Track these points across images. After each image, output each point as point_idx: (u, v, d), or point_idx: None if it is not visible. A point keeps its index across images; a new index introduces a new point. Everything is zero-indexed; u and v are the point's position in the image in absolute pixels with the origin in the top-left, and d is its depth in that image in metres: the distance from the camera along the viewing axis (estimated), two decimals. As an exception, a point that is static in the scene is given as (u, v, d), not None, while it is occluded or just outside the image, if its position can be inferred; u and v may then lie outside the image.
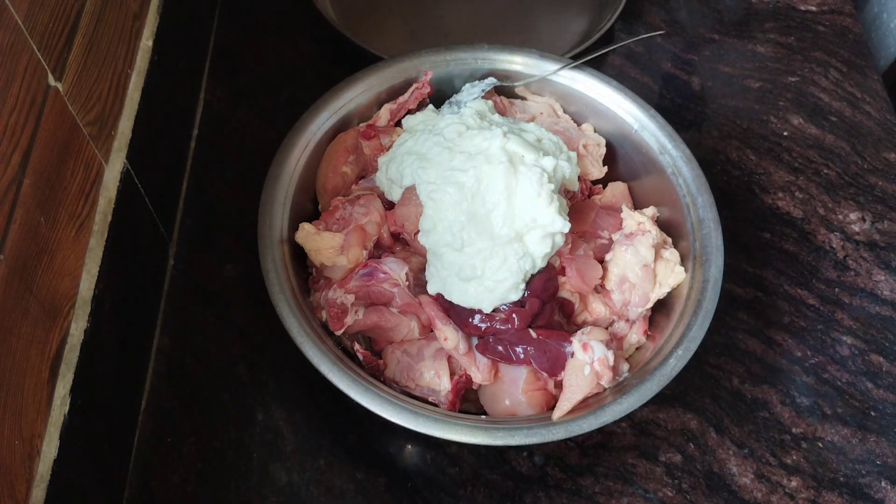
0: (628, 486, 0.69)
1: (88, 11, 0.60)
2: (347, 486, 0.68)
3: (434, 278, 0.68)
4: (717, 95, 0.98)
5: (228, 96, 0.91)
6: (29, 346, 0.51)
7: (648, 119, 0.78)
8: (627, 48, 1.00)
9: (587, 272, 0.70)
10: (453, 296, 0.66)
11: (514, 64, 0.82)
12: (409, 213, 0.70)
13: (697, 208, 0.73)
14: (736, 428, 0.73)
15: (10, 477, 0.48)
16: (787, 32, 1.05)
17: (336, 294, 0.68)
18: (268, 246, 0.67)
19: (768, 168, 0.91)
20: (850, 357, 0.78)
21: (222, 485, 0.67)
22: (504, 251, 0.65)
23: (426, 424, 0.60)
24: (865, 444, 0.73)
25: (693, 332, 0.66)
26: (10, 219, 0.48)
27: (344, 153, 0.75)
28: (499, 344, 0.66)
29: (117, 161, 0.65)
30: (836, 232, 0.87)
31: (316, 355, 0.62)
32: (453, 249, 0.66)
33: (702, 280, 0.69)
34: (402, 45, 0.95)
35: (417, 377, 0.66)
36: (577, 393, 0.64)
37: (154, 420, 0.70)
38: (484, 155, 0.68)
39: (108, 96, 0.64)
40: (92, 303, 0.59)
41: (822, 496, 0.70)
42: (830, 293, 0.82)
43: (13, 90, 0.48)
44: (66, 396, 0.55)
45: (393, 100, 0.80)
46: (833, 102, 0.98)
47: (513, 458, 0.70)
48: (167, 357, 0.73)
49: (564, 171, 0.70)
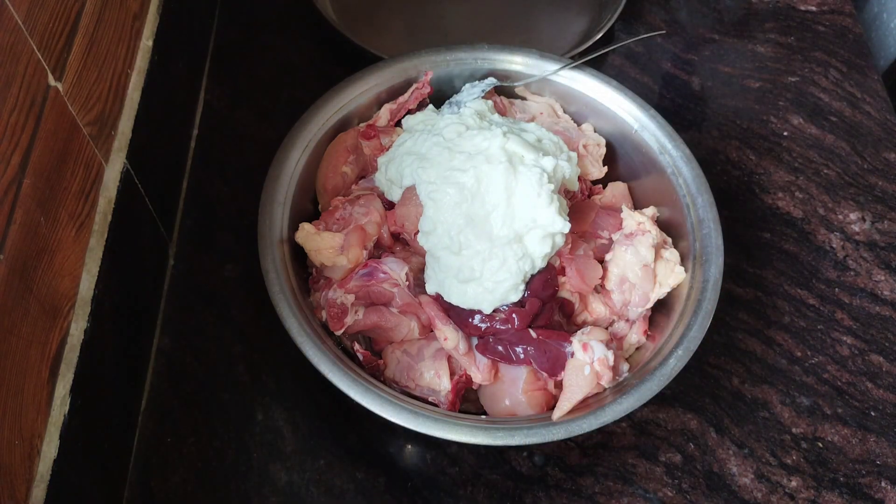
0: (628, 486, 0.69)
1: (88, 11, 0.60)
2: (347, 486, 0.68)
3: (432, 280, 0.68)
4: (717, 95, 0.98)
5: (228, 96, 0.91)
6: (29, 346, 0.51)
7: (648, 119, 0.78)
8: (627, 48, 1.00)
9: (587, 272, 0.70)
10: (452, 297, 0.66)
11: (514, 64, 0.82)
12: (409, 213, 0.70)
13: (697, 208, 0.73)
14: (736, 428, 0.73)
15: (10, 477, 0.48)
16: (787, 32, 1.05)
17: (336, 294, 0.68)
18: (268, 246, 0.67)
19: (768, 168, 0.91)
20: (850, 357, 0.78)
21: (222, 485, 0.67)
22: (503, 252, 0.65)
23: (426, 424, 0.60)
24: (865, 444, 0.73)
25: (693, 332, 0.66)
26: (10, 219, 0.48)
27: (344, 153, 0.75)
28: (499, 344, 0.66)
29: (117, 161, 0.65)
30: (836, 232, 0.87)
31: (316, 355, 0.62)
32: (451, 253, 0.66)
33: (702, 280, 0.69)
34: (402, 45, 0.95)
35: (417, 377, 0.66)
36: (577, 393, 0.64)
37: (154, 420, 0.70)
38: (484, 155, 0.68)
39: (108, 96, 0.64)
40: (92, 303, 0.59)
41: (822, 496, 0.70)
42: (830, 293, 0.82)
43: (13, 90, 0.48)
44: (66, 396, 0.55)
45: (393, 100, 0.80)
46: (833, 102, 0.98)
47: (513, 458, 0.70)
48: (167, 357, 0.73)
49: (564, 171, 0.70)
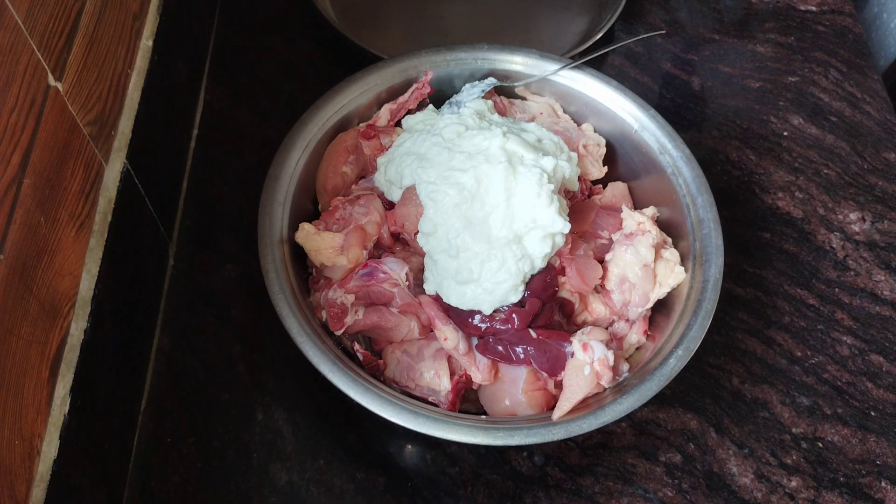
0: (628, 486, 0.69)
1: (88, 11, 0.60)
2: (347, 486, 0.68)
3: (430, 282, 0.68)
4: (717, 95, 0.98)
5: (228, 96, 0.91)
6: (29, 346, 0.51)
7: (648, 119, 0.78)
8: (627, 48, 1.00)
9: (587, 272, 0.70)
10: (451, 299, 0.66)
11: (514, 64, 0.82)
12: (409, 213, 0.70)
13: (697, 208, 0.73)
14: (736, 428, 0.73)
15: (10, 477, 0.48)
16: (787, 32, 1.05)
17: (336, 294, 0.68)
18: (268, 246, 0.67)
19: (768, 168, 0.91)
20: (850, 357, 0.78)
21: (222, 485, 0.67)
22: (502, 253, 0.65)
23: (426, 424, 0.60)
24: (865, 444, 0.73)
25: (693, 332, 0.66)
26: (10, 219, 0.48)
27: (344, 153, 0.75)
28: (499, 344, 0.66)
29: (117, 161, 0.65)
30: (836, 232, 0.87)
31: (316, 355, 0.62)
32: (449, 256, 0.66)
33: (702, 280, 0.69)
34: (402, 45, 0.95)
35: (417, 377, 0.66)
36: (577, 393, 0.64)
37: (154, 420, 0.70)
38: (483, 155, 0.68)
39: (108, 96, 0.64)
40: (92, 303, 0.59)
41: (822, 496, 0.70)
42: (830, 293, 0.82)
43: (13, 90, 0.48)
44: (66, 396, 0.55)
45: (393, 100, 0.80)
46: (833, 102, 0.98)
47: (513, 458, 0.70)
48: (167, 357, 0.73)
49: (564, 171, 0.70)
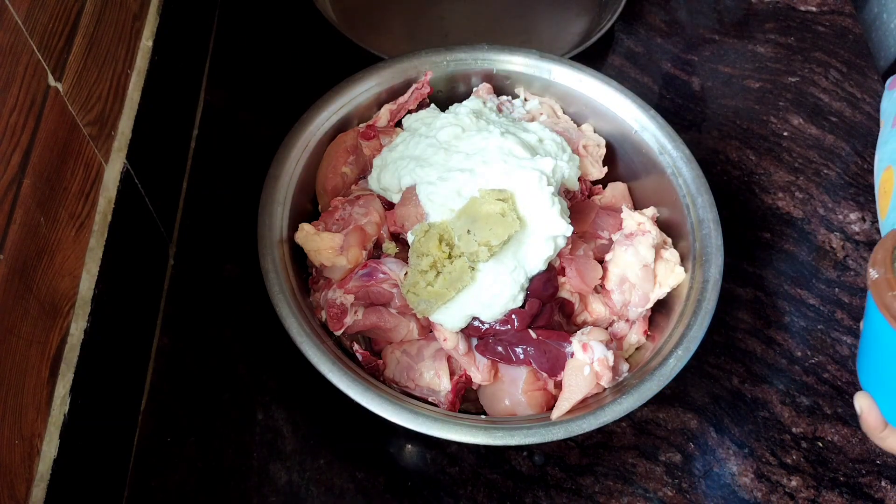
0: (628, 485, 0.69)
1: (88, 11, 0.60)
2: (347, 485, 0.68)
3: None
4: (717, 95, 0.98)
5: (228, 96, 0.91)
6: (29, 346, 0.51)
7: (648, 119, 0.78)
8: (627, 48, 1.00)
9: (587, 272, 0.70)
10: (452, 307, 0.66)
11: (514, 64, 0.82)
12: (409, 213, 0.70)
13: (697, 208, 0.73)
14: (736, 428, 0.73)
15: (10, 476, 0.48)
16: (787, 32, 1.05)
17: (336, 294, 0.68)
18: (268, 246, 0.67)
19: (768, 168, 0.91)
20: (850, 357, 0.78)
21: (222, 485, 0.67)
22: (495, 268, 0.64)
23: (426, 424, 0.60)
24: (865, 444, 0.73)
25: (693, 332, 0.66)
26: (10, 219, 0.48)
27: (344, 153, 0.75)
28: (499, 344, 0.66)
29: (117, 161, 0.65)
30: (836, 232, 0.87)
31: (316, 355, 0.62)
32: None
33: (702, 280, 0.69)
34: (402, 45, 0.95)
35: (417, 377, 0.66)
36: (576, 393, 0.64)
37: (154, 420, 0.70)
38: (481, 155, 0.68)
39: (108, 96, 0.64)
40: (92, 303, 0.59)
41: (822, 496, 0.70)
42: (830, 293, 0.82)
43: (13, 90, 0.48)
44: (66, 396, 0.55)
45: (393, 100, 0.80)
46: (833, 102, 0.98)
47: (513, 458, 0.70)
48: (167, 357, 0.73)
49: (563, 171, 0.70)
